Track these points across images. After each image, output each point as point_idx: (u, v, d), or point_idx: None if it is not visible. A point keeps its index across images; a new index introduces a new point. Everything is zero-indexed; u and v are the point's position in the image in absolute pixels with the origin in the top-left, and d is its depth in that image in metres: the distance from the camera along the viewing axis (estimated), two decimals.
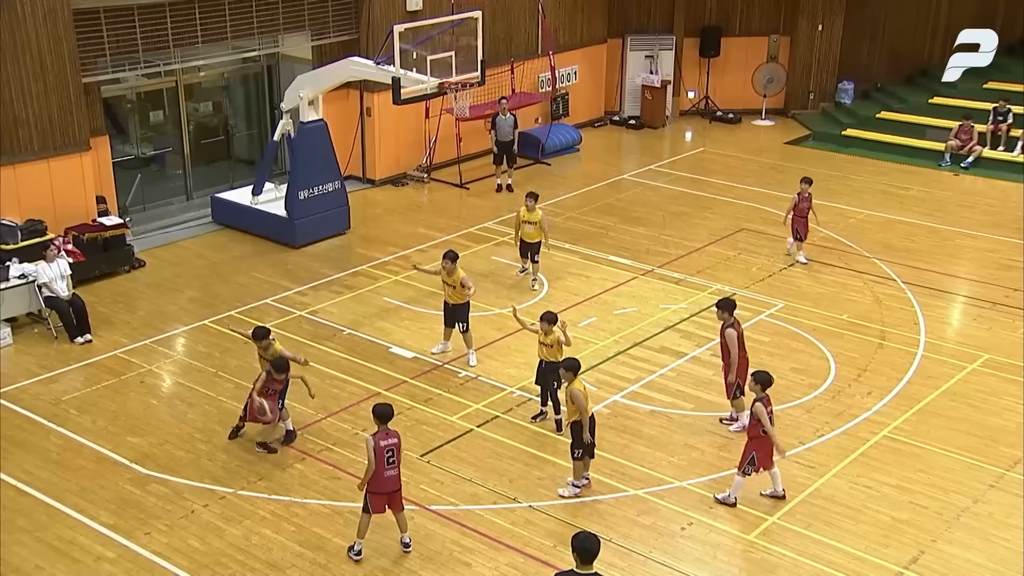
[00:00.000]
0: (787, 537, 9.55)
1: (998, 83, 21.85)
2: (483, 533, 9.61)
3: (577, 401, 9.73)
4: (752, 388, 9.81)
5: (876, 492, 10.20)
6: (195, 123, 18.66)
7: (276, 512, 9.93)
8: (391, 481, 9.05)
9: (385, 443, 8.96)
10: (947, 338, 13.42)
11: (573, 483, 10.12)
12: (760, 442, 9.78)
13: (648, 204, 18.59)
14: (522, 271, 15.10)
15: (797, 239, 15.62)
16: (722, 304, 11.06)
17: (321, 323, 13.84)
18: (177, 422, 11.51)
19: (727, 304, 11.03)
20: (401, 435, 9.13)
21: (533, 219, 14.40)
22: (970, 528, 9.66)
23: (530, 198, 14.45)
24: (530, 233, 14.49)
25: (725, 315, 10.95)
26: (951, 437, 11.11)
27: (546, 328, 10.96)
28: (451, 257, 12.31)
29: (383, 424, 9.03)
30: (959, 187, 19.46)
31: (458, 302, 12.43)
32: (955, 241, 16.56)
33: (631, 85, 23.74)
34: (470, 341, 12.64)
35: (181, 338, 13.55)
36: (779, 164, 20.84)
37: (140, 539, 9.52)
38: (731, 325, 10.92)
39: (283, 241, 16.59)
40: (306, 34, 18.14)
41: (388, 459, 8.96)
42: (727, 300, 11.19)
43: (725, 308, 10.98)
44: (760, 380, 9.76)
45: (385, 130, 19.36)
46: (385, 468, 8.97)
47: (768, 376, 9.83)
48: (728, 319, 10.94)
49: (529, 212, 14.37)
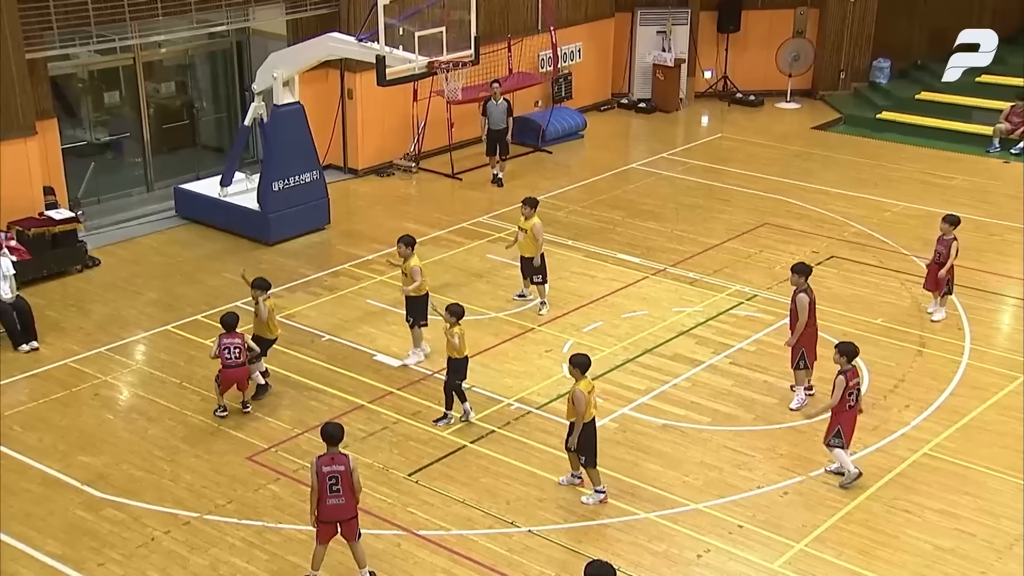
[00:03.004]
0: (816, 566, 9.53)
1: None
2: (477, 561, 9.58)
3: (578, 404, 9.87)
4: (836, 360, 10.35)
5: (916, 517, 10.18)
6: (156, 106, 18.65)
7: (247, 539, 9.89)
8: (336, 510, 8.98)
9: (328, 468, 8.90)
10: (995, 345, 13.40)
11: (597, 489, 10.32)
12: (846, 416, 10.39)
13: (660, 196, 18.58)
14: (518, 296, 14.38)
15: (934, 289, 13.87)
16: (797, 268, 11.85)
17: (298, 328, 13.82)
18: (136, 439, 11.47)
19: (802, 268, 11.84)
20: (387, 452, 9.12)
21: (524, 226, 13.93)
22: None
23: (526, 204, 13.91)
24: (523, 244, 13.95)
25: (800, 279, 11.74)
26: (1000, 455, 11.08)
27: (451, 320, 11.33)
28: (407, 242, 12.50)
29: (331, 446, 8.99)
30: (1009, 176, 19.45)
31: (411, 294, 12.59)
32: (1004, 236, 16.56)
33: (641, 64, 23.74)
34: (418, 338, 12.80)
35: (141, 345, 13.51)
36: (806, 151, 20.85)
37: (92, 571, 9.47)
38: (804, 290, 11.72)
39: (255, 237, 16.58)
40: (280, 7, 18.14)
41: (331, 486, 8.90)
42: (803, 264, 11.97)
43: (800, 272, 11.78)
44: (844, 351, 10.34)
45: (368, 115, 19.35)
46: (327, 495, 8.92)
47: (852, 346, 10.43)
48: (802, 283, 11.74)
49: (525, 219, 13.89)
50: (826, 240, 16.47)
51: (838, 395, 10.31)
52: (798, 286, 11.76)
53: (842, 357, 10.34)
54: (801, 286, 11.73)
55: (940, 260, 13.65)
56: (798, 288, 11.76)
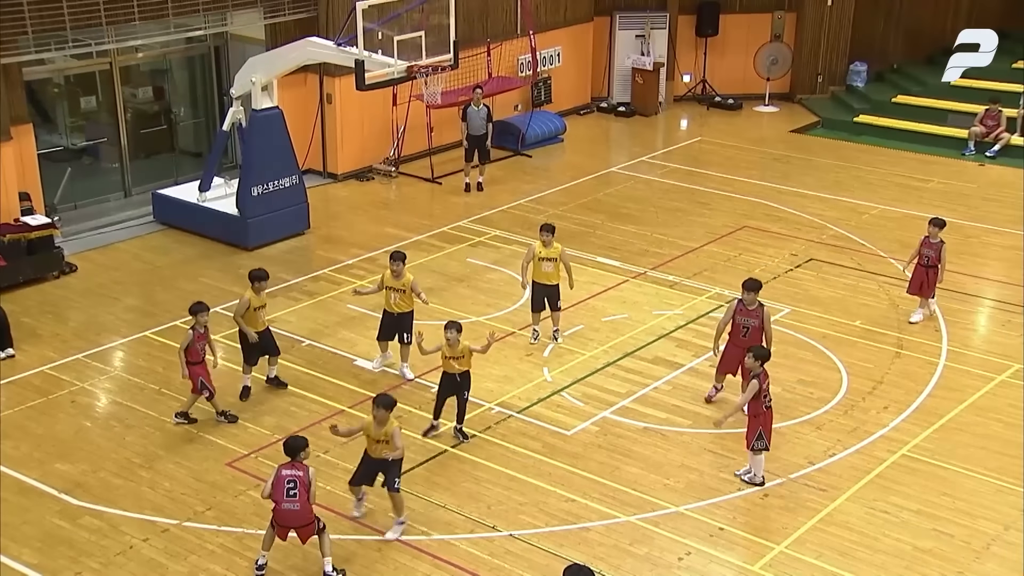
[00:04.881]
0: (796, 568, 9.57)
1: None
2: (458, 565, 9.57)
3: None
4: (750, 364, 10.37)
5: (895, 518, 10.24)
6: (133, 110, 18.55)
7: (226, 545, 9.85)
8: (290, 515, 9.10)
9: (288, 472, 9.07)
10: (972, 346, 13.51)
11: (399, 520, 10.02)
12: (766, 418, 10.43)
13: (639, 199, 18.63)
14: (535, 338, 13.37)
15: (921, 294, 13.89)
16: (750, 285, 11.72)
17: (278, 333, 13.71)
18: (114, 446, 11.39)
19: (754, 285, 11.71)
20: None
21: (552, 255, 13.02)
22: (1001, 559, 9.70)
23: (546, 231, 13.05)
24: (549, 274, 13.06)
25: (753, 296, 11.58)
26: (978, 456, 11.17)
27: (453, 339, 11.02)
28: (399, 258, 12.32)
29: (291, 457, 9.15)
30: (985, 178, 19.63)
31: (404, 310, 12.40)
32: (980, 238, 16.69)
33: (620, 68, 23.81)
34: (408, 354, 12.61)
35: (119, 352, 13.43)
36: (784, 155, 20.96)
37: (6, 548, 9.40)
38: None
39: (234, 242, 16.52)
40: (258, 11, 18.09)
41: (289, 490, 9.03)
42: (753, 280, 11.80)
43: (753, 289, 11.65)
44: (759, 355, 10.36)
45: (348, 119, 19.31)
46: (284, 499, 9.05)
47: (765, 351, 10.55)
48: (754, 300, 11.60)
49: (546, 247, 13.03)
50: (804, 243, 16.56)
51: (748, 396, 10.34)
52: (752, 303, 11.57)
53: (756, 360, 10.35)
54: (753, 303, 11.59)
55: (928, 263, 13.66)
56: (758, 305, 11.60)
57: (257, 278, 12.24)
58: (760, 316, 11.55)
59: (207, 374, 11.62)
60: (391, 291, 12.37)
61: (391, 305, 12.42)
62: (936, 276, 13.65)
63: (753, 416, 10.45)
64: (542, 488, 10.66)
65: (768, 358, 10.50)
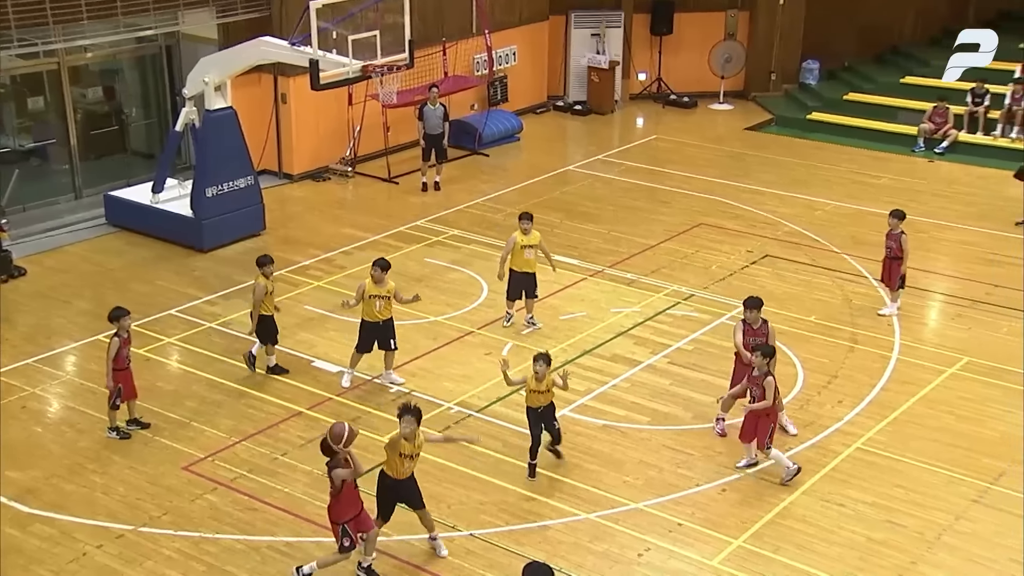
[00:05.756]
0: (754, 562, 9.66)
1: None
2: (419, 566, 9.56)
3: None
4: (758, 363, 10.46)
5: (850, 510, 10.38)
6: (83, 111, 18.29)
7: (183, 550, 9.75)
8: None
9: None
10: (924, 340, 13.72)
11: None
12: (774, 415, 10.65)
13: (597, 198, 18.71)
14: (508, 321, 13.81)
15: (889, 285, 14.16)
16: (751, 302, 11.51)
17: (234, 335, 13.64)
18: (66, 452, 11.23)
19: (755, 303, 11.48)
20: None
21: (533, 242, 13.42)
22: (952, 548, 9.87)
23: (525, 219, 13.44)
24: (531, 261, 13.48)
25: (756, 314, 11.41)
26: (930, 448, 11.35)
27: (541, 372, 10.54)
28: (383, 265, 12.15)
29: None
30: (934, 175, 19.95)
31: (385, 317, 12.28)
32: (931, 234, 16.96)
33: (576, 67, 23.88)
34: (393, 360, 12.54)
35: (71, 356, 13.24)
36: (739, 152, 21.15)
37: None
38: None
39: (189, 244, 16.35)
40: (210, 11, 17.90)
41: None
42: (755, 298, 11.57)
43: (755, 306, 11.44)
44: (767, 353, 10.49)
45: (303, 119, 19.19)
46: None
47: (771, 348, 10.68)
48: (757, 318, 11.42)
49: (527, 235, 13.37)
50: (760, 239, 16.73)
51: (772, 395, 10.42)
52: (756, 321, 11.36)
53: (764, 359, 10.44)
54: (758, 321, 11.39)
55: (891, 254, 13.91)
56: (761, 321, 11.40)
57: (264, 263, 12.42)
58: (766, 333, 11.26)
59: (129, 380, 11.44)
60: (376, 299, 12.12)
61: (375, 314, 12.15)
62: (899, 267, 13.87)
63: (766, 415, 10.49)
64: (502, 487, 10.67)
65: (774, 354, 10.59)
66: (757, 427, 10.61)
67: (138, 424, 11.59)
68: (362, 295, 12.12)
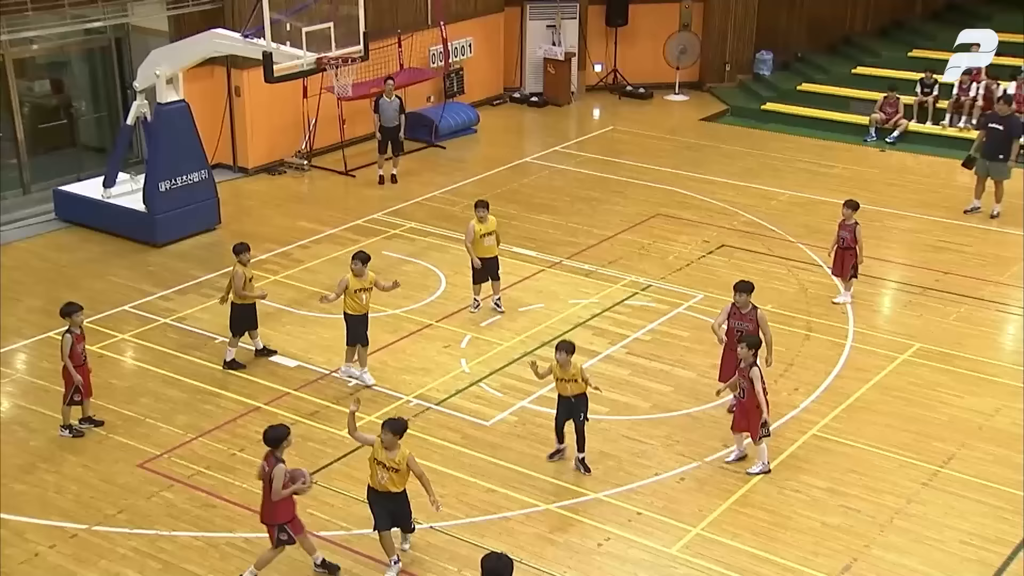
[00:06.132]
0: (712, 549, 9.76)
1: (924, 51, 22.76)
2: (379, 560, 9.54)
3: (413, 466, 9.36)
4: (743, 354, 10.42)
5: (806, 496, 10.51)
6: (30, 104, 17.98)
7: (139, 548, 9.65)
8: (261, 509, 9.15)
9: (263, 465, 9.02)
10: (877, 327, 13.92)
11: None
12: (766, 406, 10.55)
13: (554, 189, 18.74)
14: (476, 307, 14.02)
15: (842, 276, 14.29)
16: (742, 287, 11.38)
17: (189, 331, 13.51)
18: (17, 451, 11.07)
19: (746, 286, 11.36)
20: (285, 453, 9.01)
21: (491, 228, 13.76)
22: (903, 531, 10.04)
23: (481, 207, 13.76)
24: (492, 247, 13.83)
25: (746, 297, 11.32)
26: (883, 434, 11.52)
27: (563, 360, 10.56)
28: (362, 258, 12.06)
29: (270, 448, 9.04)
30: (885, 164, 20.21)
31: (367, 309, 12.26)
32: (883, 222, 17.18)
33: (532, 58, 23.88)
34: (366, 357, 12.50)
35: (21, 354, 13.05)
36: (695, 143, 21.28)
37: None
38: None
39: (142, 239, 16.17)
40: (161, 2, 17.66)
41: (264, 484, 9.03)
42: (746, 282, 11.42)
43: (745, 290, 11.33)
44: (752, 344, 10.45)
45: (257, 112, 19.02)
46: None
47: (756, 339, 10.61)
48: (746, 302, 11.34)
49: (483, 223, 13.69)
50: (716, 229, 16.85)
51: (760, 389, 10.35)
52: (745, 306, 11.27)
53: (749, 350, 10.40)
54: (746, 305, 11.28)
55: (844, 244, 14.01)
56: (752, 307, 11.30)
57: (240, 251, 12.40)
58: (755, 319, 11.18)
59: (86, 377, 11.30)
60: (361, 292, 12.07)
61: (361, 307, 12.11)
62: (853, 257, 14.00)
63: (755, 407, 10.43)
64: (462, 479, 10.68)
65: (759, 345, 10.53)
66: (748, 419, 10.59)
67: (91, 422, 11.44)
68: (344, 289, 12.06)
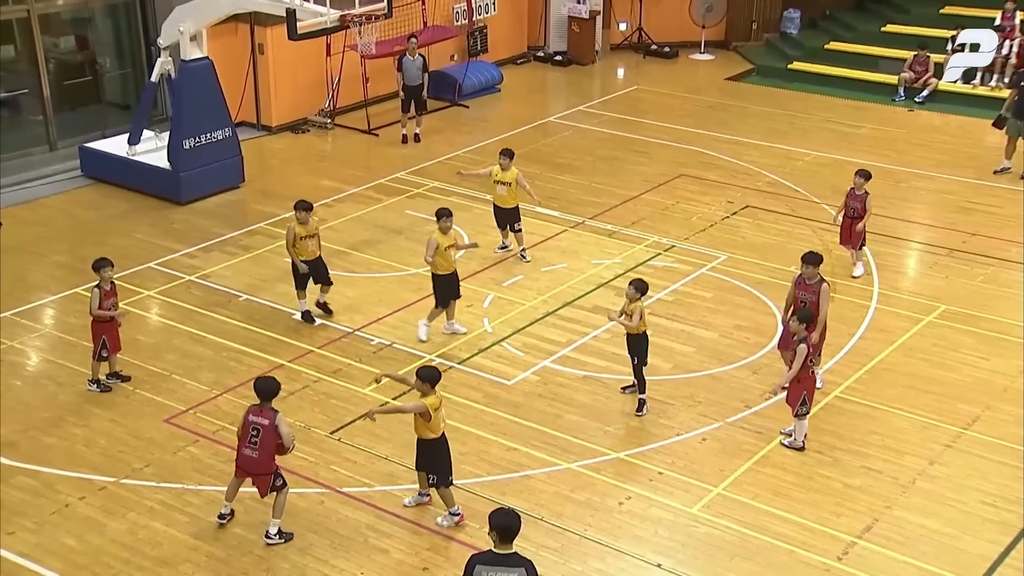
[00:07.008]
0: (733, 509, 9.77)
1: (956, 7, 22.34)
2: (401, 516, 9.62)
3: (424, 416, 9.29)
4: (795, 328, 10.22)
5: (827, 457, 10.49)
6: (55, 60, 17.99)
7: (166, 502, 9.77)
8: (249, 461, 9.10)
9: (254, 419, 9.04)
10: (902, 289, 13.80)
11: (451, 511, 9.55)
12: (809, 381, 10.39)
13: (577, 149, 18.62)
14: (502, 247, 14.38)
15: (852, 245, 13.98)
16: (809, 259, 11.15)
17: (214, 288, 13.57)
18: (45, 405, 11.20)
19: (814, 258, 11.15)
20: (309, 411, 9.09)
21: (507, 179, 13.82)
22: (926, 492, 10.01)
23: (504, 155, 13.89)
24: (503, 196, 13.93)
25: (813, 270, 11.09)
26: (905, 395, 11.46)
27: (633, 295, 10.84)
28: (448, 214, 12.17)
29: (263, 400, 9.09)
30: (914, 124, 19.93)
31: (455, 268, 12.33)
32: (910, 183, 16.99)
33: (556, 17, 23.63)
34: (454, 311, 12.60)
35: (48, 309, 13.15)
36: (720, 103, 21.05)
37: (2, 540, 9.26)
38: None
39: (166, 197, 16.20)
40: None
41: (251, 437, 9.01)
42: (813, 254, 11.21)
43: (813, 263, 11.12)
44: (804, 318, 10.23)
45: (281, 70, 18.95)
46: (245, 445, 9.05)
47: (809, 312, 10.42)
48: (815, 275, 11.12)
49: (503, 171, 13.83)
50: (740, 190, 16.71)
51: (799, 363, 10.15)
52: (812, 277, 11.03)
53: (800, 324, 10.20)
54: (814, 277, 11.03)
55: (854, 215, 13.76)
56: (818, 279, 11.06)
57: (299, 208, 12.37)
58: (818, 291, 10.97)
59: (114, 333, 11.36)
60: (451, 248, 12.15)
61: (450, 264, 12.16)
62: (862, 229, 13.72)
63: (797, 381, 10.30)
64: (484, 438, 10.72)
65: (812, 321, 10.33)
66: (789, 392, 10.42)
67: (119, 377, 11.54)
68: (435, 250, 12.00)
